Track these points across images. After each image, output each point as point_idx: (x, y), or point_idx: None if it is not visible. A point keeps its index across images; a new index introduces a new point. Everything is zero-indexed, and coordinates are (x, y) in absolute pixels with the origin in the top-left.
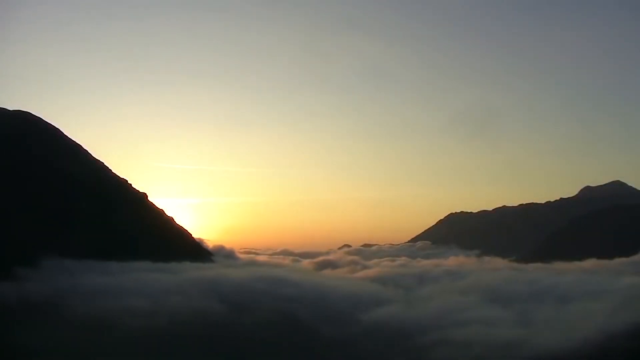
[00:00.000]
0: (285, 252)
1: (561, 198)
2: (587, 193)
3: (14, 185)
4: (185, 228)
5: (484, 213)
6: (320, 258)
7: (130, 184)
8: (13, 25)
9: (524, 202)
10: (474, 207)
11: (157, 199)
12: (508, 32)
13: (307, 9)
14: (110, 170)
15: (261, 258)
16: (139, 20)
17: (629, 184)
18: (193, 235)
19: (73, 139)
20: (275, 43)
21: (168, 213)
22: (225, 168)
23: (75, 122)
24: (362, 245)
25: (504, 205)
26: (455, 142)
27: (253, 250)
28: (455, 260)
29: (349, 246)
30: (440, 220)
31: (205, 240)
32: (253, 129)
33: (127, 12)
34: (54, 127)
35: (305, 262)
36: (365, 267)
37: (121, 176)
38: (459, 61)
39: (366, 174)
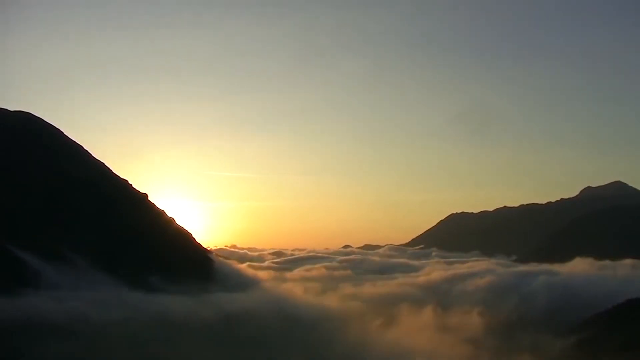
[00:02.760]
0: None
1: (562, 198)
2: (588, 194)
3: (14, 185)
4: (187, 230)
5: (484, 213)
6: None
7: (131, 185)
8: (13, 25)
9: (525, 203)
10: (475, 207)
11: (161, 201)
12: (508, 32)
13: (307, 9)
14: (111, 170)
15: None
16: (140, 21)
17: (630, 185)
18: (195, 237)
19: (73, 139)
20: (275, 47)
21: (169, 214)
22: (227, 173)
23: (75, 122)
24: (362, 246)
25: (505, 206)
26: (456, 143)
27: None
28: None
29: (349, 247)
30: (442, 220)
31: (207, 242)
32: (253, 133)
33: (127, 12)
34: (54, 127)
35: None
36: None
37: (122, 177)
38: (459, 61)
39: (367, 175)
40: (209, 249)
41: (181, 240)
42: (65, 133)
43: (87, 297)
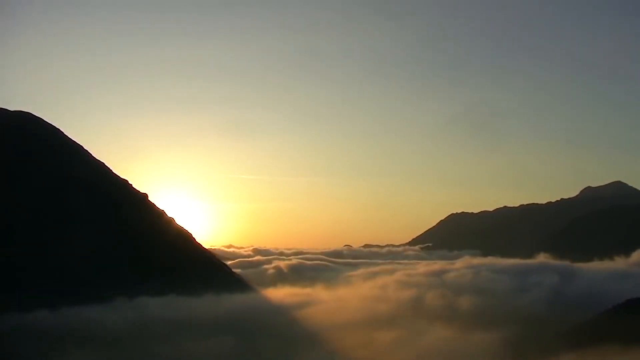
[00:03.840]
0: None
1: (562, 199)
2: (588, 194)
3: (14, 184)
4: (187, 230)
5: (485, 213)
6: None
7: (131, 185)
8: (13, 26)
9: (525, 203)
10: (475, 207)
11: (161, 201)
12: (509, 33)
13: (309, 13)
14: (111, 170)
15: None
16: (141, 22)
17: (630, 185)
18: (195, 237)
19: (73, 139)
20: (275, 48)
21: (169, 214)
22: (227, 175)
23: (75, 122)
24: (362, 246)
25: (505, 206)
26: (456, 143)
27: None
28: None
29: (350, 246)
30: (442, 220)
31: (206, 243)
32: (253, 136)
33: (128, 13)
34: (54, 127)
35: None
36: None
37: (122, 177)
38: (460, 61)
39: (367, 175)
40: (209, 249)
41: (181, 241)
42: (65, 133)
43: (90, 301)
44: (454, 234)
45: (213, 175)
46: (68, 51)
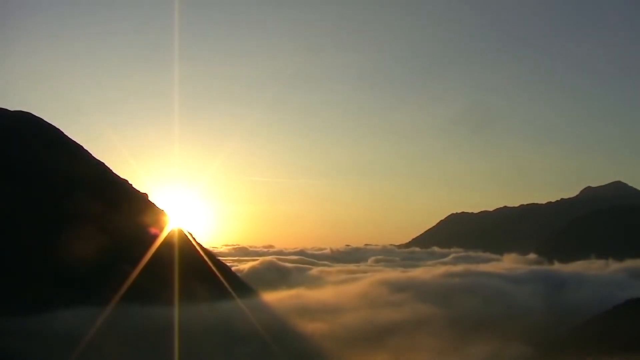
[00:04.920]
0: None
1: (562, 198)
2: (588, 193)
3: (13, 185)
4: (188, 230)
5: (485, 213)
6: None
7: (131, 185)
8: (13, 25)
9: (525, 203)
10: (475, 207)
11: (162, 201)
12: (509, 32)
13: (312, 13)
14: (111, 170)
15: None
16: (140, 21)
17: (630, 185)
18: (195, 238)
19: (73, 139)
20: (275, 49)
21: (169, 214)
22: (228, 175)
23: (75, 122)
24: (363, 246)
25: (505, 206)
26: (456, 143)
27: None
28: None
29: (350, 246)
30: (442, 220)
31: (206, 243)
32: (254, 137)
33: (128, 12)
34: (54, 127)
35: None
36: None
37: (122, 177)
38: (460, 62)
39: (367, 175)
40: (209, 249)
41: (181, 241)
42: (65, 133)
43: (89, 303)
44: (454, 234)
45: (214, 175)
46: (68, 51)
